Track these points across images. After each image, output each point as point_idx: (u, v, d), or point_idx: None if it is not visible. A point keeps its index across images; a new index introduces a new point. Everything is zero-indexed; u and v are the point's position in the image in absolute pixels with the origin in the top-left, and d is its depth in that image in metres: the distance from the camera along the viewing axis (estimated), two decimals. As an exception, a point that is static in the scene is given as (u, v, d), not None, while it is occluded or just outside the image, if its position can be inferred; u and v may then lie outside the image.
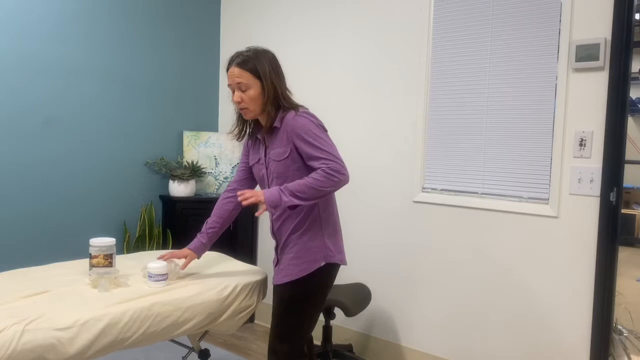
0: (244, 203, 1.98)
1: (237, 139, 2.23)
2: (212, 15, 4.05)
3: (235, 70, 2.03)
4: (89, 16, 3.39)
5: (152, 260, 2.28)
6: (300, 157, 2.03)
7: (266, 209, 1.96)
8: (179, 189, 3.67)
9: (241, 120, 2.20)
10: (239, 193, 1.99)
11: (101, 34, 3.45)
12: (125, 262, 2.57)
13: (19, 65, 3.12)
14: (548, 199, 2.56)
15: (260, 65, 2.02)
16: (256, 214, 2.00)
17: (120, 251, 3.48)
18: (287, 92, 2.10)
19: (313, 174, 1.95)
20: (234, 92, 2.07)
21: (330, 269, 2.11)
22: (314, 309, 2.13)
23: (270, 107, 2.05)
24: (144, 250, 3.58)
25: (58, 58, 3.27)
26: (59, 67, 3.28)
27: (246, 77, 2.02)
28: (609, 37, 2.34)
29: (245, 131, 2.22)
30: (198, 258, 2.36)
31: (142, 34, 3.66)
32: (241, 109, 2.08)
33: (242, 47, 3.96)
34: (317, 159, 1.95)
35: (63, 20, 3.28)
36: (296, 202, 1.93)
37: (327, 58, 3.39)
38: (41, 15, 3.19)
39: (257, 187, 2.25)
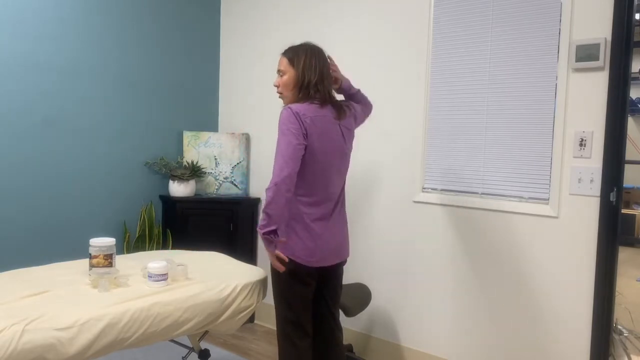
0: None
1: None
2: (212, 14, 4.05)
3: (280, 58, 2.25)
4: (88, 15, 3.39)
5: (152, 260, 2.28)
6: None
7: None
8: (179, 189, 3.67)
9: None
10: None
11: (102, 33, 3.45)
12: (125, 262, 2.57)
13: (17, 63, 3.12)
14: (548, 199, 2.56)
15: (297, 56, 2.19)
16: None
17: (120, 251, 3.48)
18: (320, 86, 2.18)
19: None
20: None
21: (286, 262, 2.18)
22: (277, 291, 2.25)
23: (297, 96, 2.19)
24: (144, 250, 3.58)
25: (57, 57, 3.27)
26: (59, 67, 3.28)
27: (284, 65, 2.22)
28: (609, 37, 2.34)
29: None
30: None
31: (143, 34, 3.66)
32: (278, 94, 2.27)
33: (241, 46, 3.98)
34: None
35: (63, 21, 3.28)
36: (268, 228, 2.06)
37: (327, 58, 3.39)
38: (42, 15, 3.19)
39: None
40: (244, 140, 3.91)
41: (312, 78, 2.16)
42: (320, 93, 2.18)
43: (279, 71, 2.24)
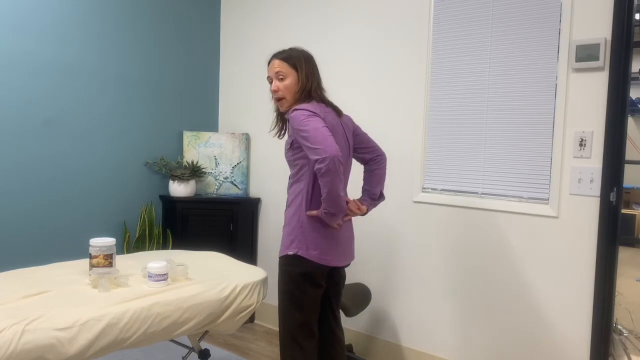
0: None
1: (278, 137, 2.35)
2: (212, 14, 4.05)
3: (275, 61, 2.20)
4: (89, 16, 3.39)
5: (152, 260, 2.28)
6: (300, 146, 2.10)
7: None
8: (179, 189, 3.67)
9: (280, 118, 2.33)
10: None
11: (102, 33, 3.45)
12: (125, 262, 2.57)
13: (17, 64, 3.12)
14: (548, 199, 2.56)
15: (297, 58, 2.19)
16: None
17: (120, 251, 3.48)
18: (319, 90, 2.22)
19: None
20: (272, 83, 2.22)
21: (299, 261, 2.13)
22: (287, 293, 2.17)
23: (298, 99, 2.18)
24: (144, 250, 3.58)
25: (58, 57, 3.27)
26: (59, 67, 3.28)
27: (284, 67, 2.18)
28: (609, 37, 2.34)
29: (285, 128, 2.34)
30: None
31: (143, 33, 3.66)
32: (278, 99, 2.22)
33: (241, 46, 3.98)
34: (312, 160, 2.00)
35: (63, 20, 3.28)
36: (330, 213, 2.05)
37: (326, 59, 3.39)
38: (41, 15, 3.19)
39: None
40: (244, 140, 3.91)
41: (314, 83, 2.20)
42: (320, 96, 2.21)
43: (278, 73, 2.17)
